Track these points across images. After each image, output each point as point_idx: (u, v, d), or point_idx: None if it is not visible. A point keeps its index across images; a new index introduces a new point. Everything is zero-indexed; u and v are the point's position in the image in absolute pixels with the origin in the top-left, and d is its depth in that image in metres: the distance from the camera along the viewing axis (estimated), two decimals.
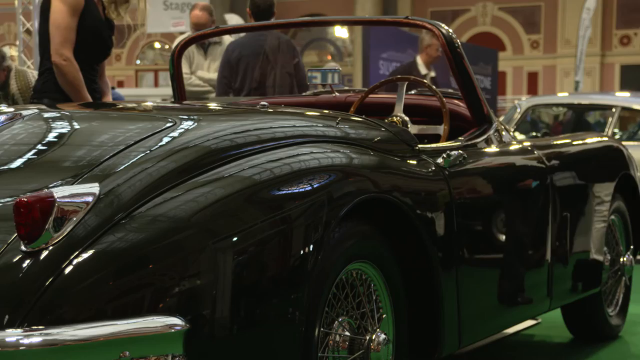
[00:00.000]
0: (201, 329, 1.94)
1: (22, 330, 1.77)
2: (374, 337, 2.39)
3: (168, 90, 7.51)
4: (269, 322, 2.07)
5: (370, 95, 3.54)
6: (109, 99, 4.19)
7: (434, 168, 2.75)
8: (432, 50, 7.66)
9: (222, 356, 2.00)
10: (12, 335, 1.76)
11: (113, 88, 8.04)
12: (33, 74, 5.83)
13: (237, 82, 5.82)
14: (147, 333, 1.85)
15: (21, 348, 1.75)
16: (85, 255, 1.88)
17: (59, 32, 3.88)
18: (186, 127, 2.36)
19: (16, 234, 1.87)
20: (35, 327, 1.78)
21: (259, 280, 2.08)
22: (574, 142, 3.90)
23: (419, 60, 7.77)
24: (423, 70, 7.67)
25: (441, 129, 3.25)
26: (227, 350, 2.01)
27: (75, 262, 1.87)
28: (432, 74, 7.75)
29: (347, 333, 2.34)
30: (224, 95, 5.89)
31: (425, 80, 3.51)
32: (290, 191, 2.21)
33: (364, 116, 2.91)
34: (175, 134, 2.29)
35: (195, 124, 2.43)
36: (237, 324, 2.01)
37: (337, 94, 3.74)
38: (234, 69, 5.84)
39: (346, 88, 4.04)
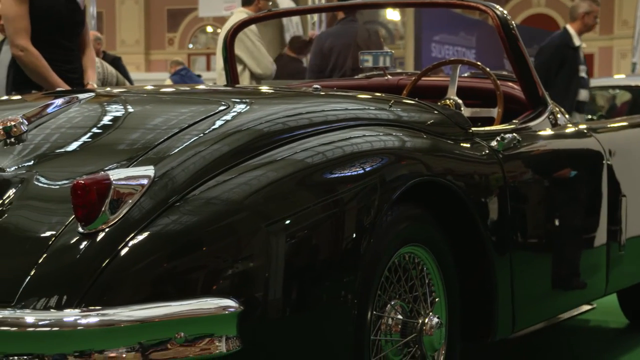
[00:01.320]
0: (254, 310, 1.95)
1: (79, 310, 1.80)
2: (426, 320, 2.39)
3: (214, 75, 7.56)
4: (321, 305, 2.08)
5: (423, 78, 3.52)
6: (90, 76, 4.10)
7: (487, 151, 2.73)
8: (589, 18, 6.69)
9: (275, 338, 2.01)
10: (70, 315, 1.79)
11: (185, 68, 8.09)
12: None
13: (328, 70, 5.93)
14: (202, 314, 1.87)
15: (79, 328, 1.78)
16: (140, 238, 1.90)
17: (9, 23, 3.82)
18: (239, 110, 2.37)
19: (73, 216, 1.90)
20: (92, 308, 1.81)
21: (312, 263, 2.08)
22: (631, 125, 3.83)
23: (571, 30, 6.77)
24: (577, 41, 6.72)
25: (495, 112, 3.22)
26: (280, 332, 2.02)
27: (130, 244, 1.89)
28: (584, 45, 6.98)
29: (399, 316, 2.33)
30: None
31: (479, 63, 3.47)
32: (342, 174, 2.21)
33: (416, 99, 2.90)
34: (228, 117, 2.30)
35: (248, 107, 2.44)
36: (289, 306, 2.02)
37: (389, 76, 3.72)
38: (326, 57, 5.95)
39: (399, 71, 4.02)
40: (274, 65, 6.46)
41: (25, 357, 1.77)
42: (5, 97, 3.26)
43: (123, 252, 1.88)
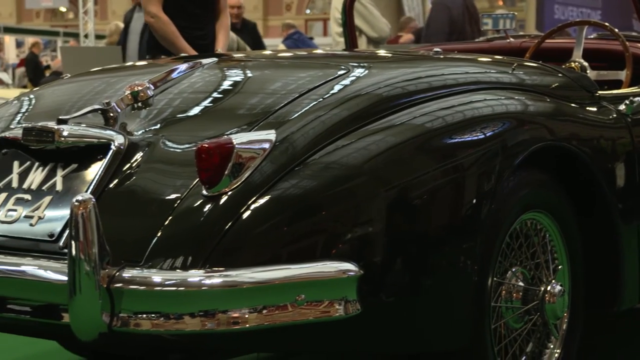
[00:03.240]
0: (373, 275, 1.95)
1: (203, 271, 1.84)
2: (549, 288, 2.34)
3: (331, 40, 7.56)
4: (441, 270, 2.07)
5: (547, 41, 3.42)
6: (219, 42, 4.15)
7: (615, 115, 2.64)
8: None
9: (394, 303, 2.02)
10: (195, 275, 1.84)
11: (298, 32, 8.14)
12: None
13: (446, 34, 5.91)
14: (322, 277, 1.89)
15: (203, 288, 1.82)
16: (261, 201, 1.93)
17: None
18: (358, 75, 2.37)
19: (197, 179, 1.94)
20: (216, 269, 1.85)
21: (431, 228, 2.07)
22: None
23: None
24: None
25: (623, 75, 3.11)
26: (398, 298, 2.02)
27: (252, 207, 1.92)
28: None
29: (520, 283, 2.30)
30: None
31: (606, 24, 3.34)
32: (462, 139, 2.19)
33: (540, 62, 2.82)
34: (347, 81, 2.30)
35: (367, 71, 2.43)
36: (408, 271, 2.02)
37: (511, 39, 3.64)
38: (453, 26, 5.94)
39: (521, 33, 3.93)
40: (389, 27, 6.43)
41: (153, 315, 1.83)
42: (130, 63, 3.36)
43: (245, 215, 1.91)
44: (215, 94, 2.38)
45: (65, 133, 2.09)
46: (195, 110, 2.29)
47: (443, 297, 2.08)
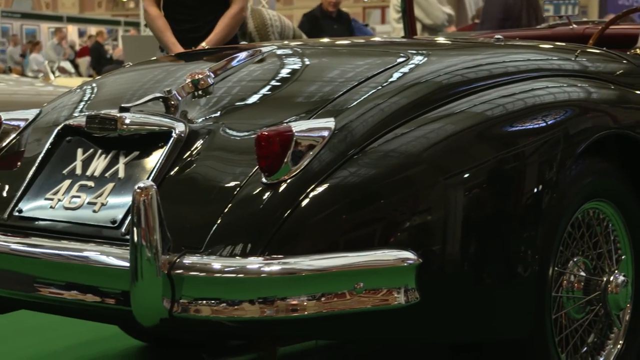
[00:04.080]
0: (432, 263, 1.95)
1: (262, 258, 1.85)
2: (611, 278, 2.31)
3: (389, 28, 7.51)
4: (501, 260, 2.05)
5: (612, 27, 3.36)
6: (211, 36, 3.89)
7: None
8: None
9: (452, 292, 2.01)
10: (254, 262, 1.85)
11: (353, 20, 8.13)
12: (268, 12, 6.02)
13: (502, 20, 5.85)
14: (381, 265, 1.89)
15: (262, 275, 1.84)
16: (320, 189, 1.93)
17: None
18: (417, 63, 2.36)
19: (257, 167, 1.95)
20: (275, 256, 1.86)
21: (490, 217, 2.06)
22: None
23: None
24: None
25: None
26: (457, 286, 2.01)
27: (311, 195, 1.92)
28: None
29: (582, 273, 2.27)
30: None
31: None
32: (523, 127, 2.16)
33: (604, 48, 2.77)
34: (406, 69, 2.29)
35: (426, 59, 2.42)
36: (467, 260, 2.00)
37: (574, 25, 3.57)
38: (509, 12, 5.89)
39: (584, 19, 3.86)
40: (446, 15, 6.36)
41: (212, 301, 1.84)
42: (190, 51, 3.38)
43: (304, 203, 1.91)
44: (274, 82, 2.39)
45: (127, 121, 2.12)
46: (255, 98, 2.30)
47: (503, 286, 2.06)
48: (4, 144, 2.35)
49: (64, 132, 2.25)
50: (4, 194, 2.21)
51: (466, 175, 2.03)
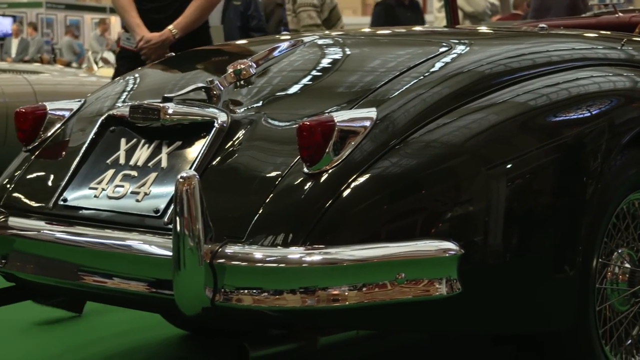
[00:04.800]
0: (474, 254, 1.94)
1: (304, 248, 1.86)
2: None
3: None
4: (544, 251, 2.04)
5: None
6: (176, 21, 3.55)
7: None
8: None
9: (494, 283, 2.00)
10: (295, 252, 1.85)
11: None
12: None
13: (544, 10, 5.79)
14: (423, 256, 1.88)
15: (303, 265, 1.84)
16: (361, 179, 1.93)
17: None
18: (459, 52, 2.34)
19: (298, 157, 1.95)
20: (316, 246, 1.86)
21: (533, 208, 2.04)
22: None
23: None
24: None
25: None
26: (499, 278, 2.00)
27: (352, 185, 1.92)
28: None
29: (627, 265, 2.24)
30: None
31: None
32: (567, 117, 2.14)
33: None
34: (448, 59, 2.27)
35: (468, 48, 2.40)
36: (510, 251, 1.99)
37: (620, 14, 3.52)
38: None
39: (630, 7, 3.80)
40: (487, 3, 6.31)
41: (254, 290, 1.85)
42: (232, 42, 3.39)
43: (345, 193, 1.91)
44: (315, 72, 2.39)
45: (170, 111, 2.14)
46: (297, 88, 2.30)
47: (546, 278, 2.04)
48: (49, 134, 2.38)
49: (108, 122, 2.27)
50: (49, 183, 2.23)
51: (509, 166, 2.02)
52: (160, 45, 3.53)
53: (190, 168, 2.04)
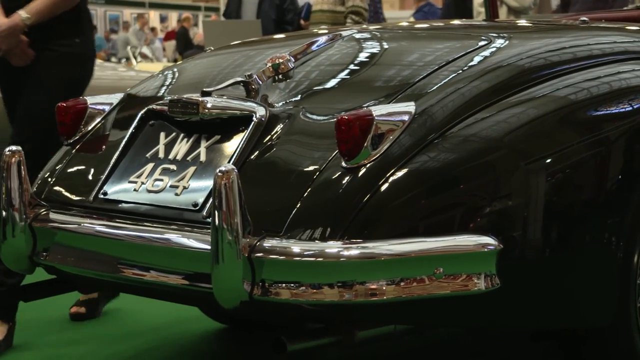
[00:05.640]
0: (513, 249, 1.93)
1: (342, 242, 1.86)
2: None
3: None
4: (584, 247, 2.02)
5: None
6: (28, 6, 3.04)
7: None
8: None
9: (533, 278, 1.99)
10: (333, 247, 1.85)
11: (429, 4, 8.06)
12: None
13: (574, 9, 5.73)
14: (461, 251, 1.87)
15: (341, 260, 1.84)
16: (399, 174, 1.93)
17: None
18: (498, 46, 2.32)
19: (337, 151, 1.95)
20: (354, 241, 1.86)
21: (573, 203, 2.03)
22: None
23: None
24: None
25: None
26: (538, 273, 1.99)
27: (390, 180, 1.92)
28: None
29: None
30: None
31: None
32: (608, 112, 2.13)
33: None
34: (487, 53, 2.26)
35: (507, 42, 2.38)
36: (549, 247, 1.98)
37: None
38: None
39: None
40: None
41: (292, 284, 1.86)
42: (270, 36, 3.40)
43: (383, 187, 1.91)
44: (353, 66, 2.39)
45: (209, 105, 2.15)
46: (335, 82, 2.30)
47: (585, 273, 2.03)
48: (90, 128, 2.41)
49: (147, 116, 2.29)
50: (90, 177, 2.26)
51: (548, 161, 2.00)
52: (9, 33, 3.03)
53: (229, 162, 2.05)
